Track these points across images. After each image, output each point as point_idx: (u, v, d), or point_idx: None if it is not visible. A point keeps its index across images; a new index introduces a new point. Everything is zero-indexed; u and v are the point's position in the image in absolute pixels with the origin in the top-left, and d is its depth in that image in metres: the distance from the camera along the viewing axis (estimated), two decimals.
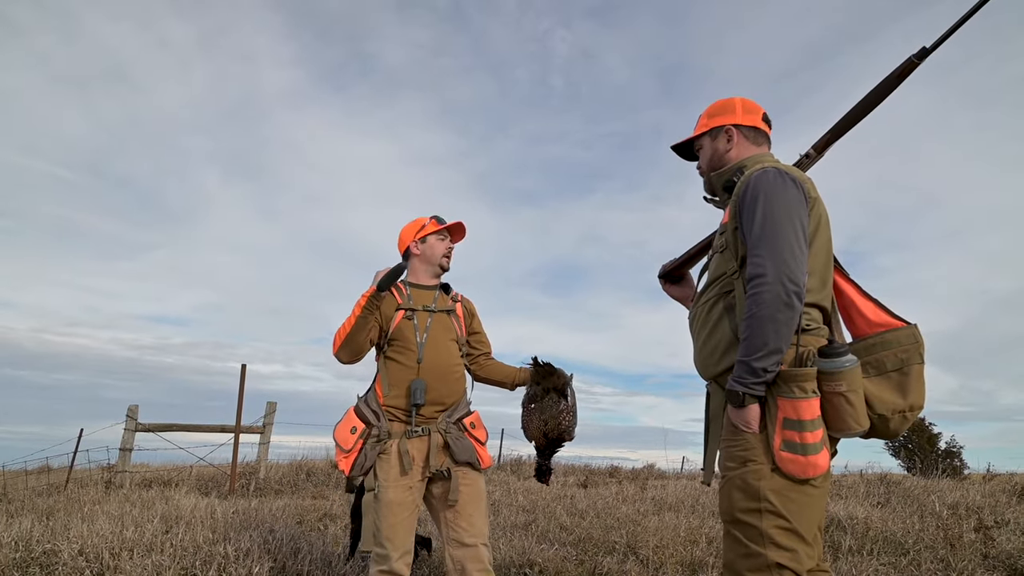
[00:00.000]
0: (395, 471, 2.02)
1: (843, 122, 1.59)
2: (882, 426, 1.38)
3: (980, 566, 3.12)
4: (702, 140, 1.68)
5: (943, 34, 1.47)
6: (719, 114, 1.65)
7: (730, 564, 1.37)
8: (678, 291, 1.94)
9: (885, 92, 1.54)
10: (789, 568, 1.27)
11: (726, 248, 1.50)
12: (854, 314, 1.50)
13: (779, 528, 1.29)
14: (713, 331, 1.50)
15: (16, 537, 3.29)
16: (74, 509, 4.76)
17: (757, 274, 1.34)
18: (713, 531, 3.95)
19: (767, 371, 1.31)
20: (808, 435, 1.28)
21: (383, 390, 2.12)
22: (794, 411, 1.29)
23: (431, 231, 2.26)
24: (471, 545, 2.02)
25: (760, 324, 1.30)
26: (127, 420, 7.48)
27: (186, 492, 6.29)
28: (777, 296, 1.29)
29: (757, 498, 1.31)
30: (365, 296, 2.07)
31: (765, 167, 1.45)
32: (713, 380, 1.53)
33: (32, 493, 7.34)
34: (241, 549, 3.12)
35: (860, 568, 3.07)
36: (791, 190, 1.39)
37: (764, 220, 1.36)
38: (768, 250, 1.33)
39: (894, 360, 1.39)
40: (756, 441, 1.35)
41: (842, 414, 1.31)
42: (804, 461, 1.28)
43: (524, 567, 3.23)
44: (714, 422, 1.52)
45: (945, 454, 11.95)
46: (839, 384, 1.29)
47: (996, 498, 5.30)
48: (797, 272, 1.31)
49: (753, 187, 1.41)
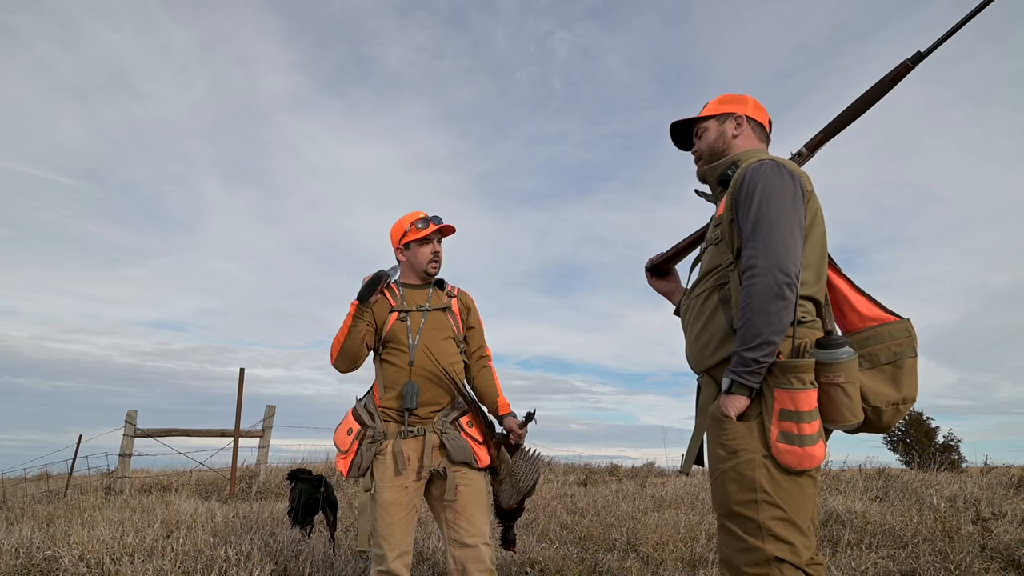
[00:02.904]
0: (390, 471, 2.02)
1: (836, 122, 1.59)
2: (876, 418, 1.39)
3: (978, 558, 3.14)
4: (708, 122, 1.65)
5: (938, 39, 1.48)
6: (731, 102, 1.64)
7: (727, 559, 1.36)
8: (664, 285, 1.93)
9: (879, 94, 1.55)
10: (788, 561, 1.27)
11: (721, 240, 1.50)
12: (846, 308, 1.50)
13: (777, 519, 1.28)
14: (707, 324, 1.50)
15: (17, 544, 3.29)
16: (74, 515, 4.76)
17: (750, 265, 1.34)
18: (713, 527, 3.96)
19: (758, 362, 1.31)
20: (806, 426, 1.28)
21: (379, 392, 2.12)
22: (792, 402, 1.29)
23: (412, 238, 2.18)
24: (472, 545, 2.02)
25: (753, 315, 1.31)
26: (126, 426, 7.47)
27: (186, 497, 6.28)
28: (769, 287, 1.30)
29: (753, 489, 1.30)
30: (353, 305, 2.06)
31: (762, 160, 1.45)
32: (705, 372, 1.53)
33: (32, 500, 7.33)
34: (242, 552, 3.12)
35: (859, 562, 3.09)
36: (788, 183, 1.39)
37: (759, 212, 1.37)
38: (762, 242, 1.34)
39: (888, 353, 1.40)
40: (745, 430, 1.34)
41: (839, 405, 1.31)
42: (801, 452, 1.28)
43: (525, 566, 3.24)
44: (701, 414, 1.52)
45: (943, 448, 12.01)
46: (837, 375, 1.29)
47: (994, 490, 5.32)
48: (789, 263, 1.32)
49: (750, 179, 1.42)
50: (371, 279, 2.03)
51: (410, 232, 2.19)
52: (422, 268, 2.21)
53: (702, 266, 1.60)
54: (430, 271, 2.22)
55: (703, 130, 1.66)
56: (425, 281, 2.25)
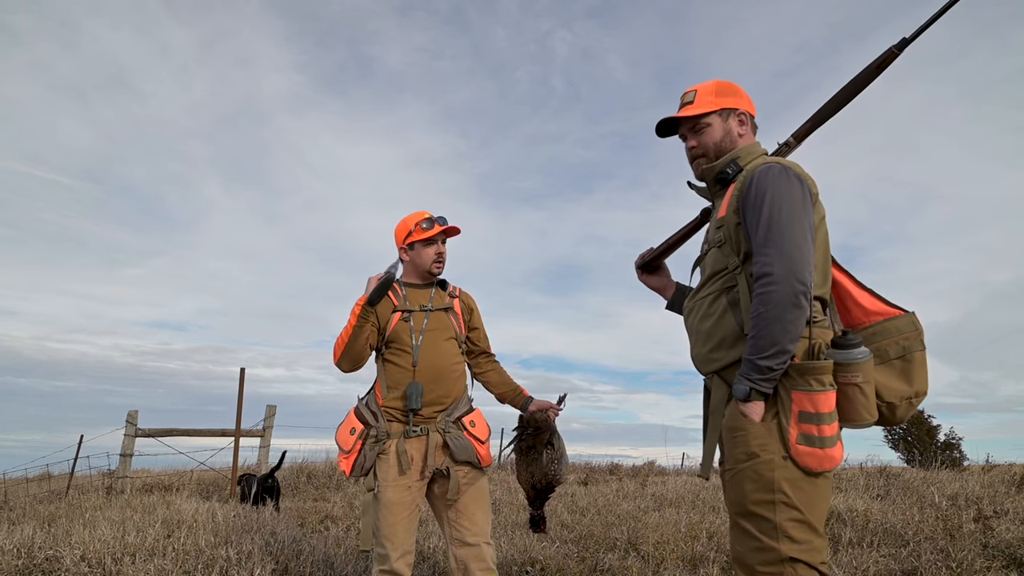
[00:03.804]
0: (393, 471, 2.02)
1: (823, 111, 1.58)
2: (890, 414, 1.38)
3: (980, 556, 3.13)
4: (711, 118, 1.58)
5: (922, 24, 1.46)
6: (728, 95, 1.60)
7: (740, 558, 1.35)
8: (656, 281, 1.92)
9: (865, 82, 1.53)
10: (803, 562, 1.26)
11: (725, 243, 1.48)
12: (850, 304, 1.50)
13: (793, 520, 1.28)
14: (716, 326, 1.49)
15: (18, 544, 3.29)
16: (75, 515, 4.76)
17: (765, 273, 1.33)
18: (713, 526, 3.96)
19: (773, 369, 1.31)
20: (826, 428, 1.27)
21: (382, 392, 2.12)
22: (812, 404, 1.28)
23: (416, 239, 2.17)
24: (473, 544, 2.02)
25: (768, 324, 1.30)
26: (127, 426, 7.47)
27: (187, 496, 6.29)
28: (785, 296, 1.29)
29: (771, 489, 1.29)
30: (359, 305, 2.06)
31: (768, 163, 1.44)
32: (715, 374, 1.51)
33: (33, 500, 7.33)
34: (243, 552, 3.13)
35: (860, 560, 3.09)
36: (796, 188, 1.38)
37: (771, 218, 1.35)
38: (776, 249, 1.32)
39: (896, 348, 1.40)
40: (765, 431, 1.33)
41: (856, 405, 1.31)
42: (822, 454, 1.27)
43: (526, 565, 3.24)
44: (714, 415, 1.50)
45: (944, 446, 11.99)
46: (855, 375, 1.29)
47: (995, 488, 5.32)
48: (805, 272, 1.31)
49: (759, 183, 1.40)
50: (383, 282, 2.02)
51: (415, 232, 2.17)
52: (426, 268, 2.20)
53: (706, 268, 1.58)
54: (434, 271, 2.21)
55: (705, 126, 1.59)
56: (427, 281, 2.25)
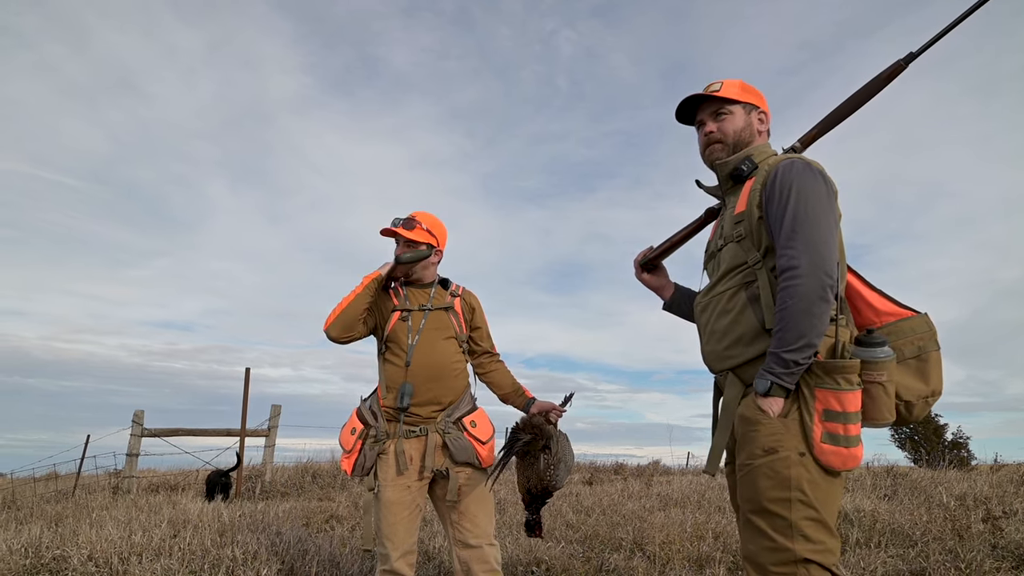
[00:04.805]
0: (392, 471, 2.03)
1: (830, 118, 1.58)
2: (907, 413, 1.39)
3: (989, 556, 3.11)
4: (735, 107, 1.57)
5: (930, 39, 1.48)
6: (753, 94, 1.60)
7: (752, 556, 1.33)
8: (655, 280, 1.90)
9: (872, 93, 1.54)
10: (817, 562, 1.25)
11: (744, 237, 1.47)
12: (860, 305, 1.49)
13: (809, 519, 1.26)
14: (735, 322, 1.47)
15: (26, 543, 3.31)
16: (82, 515, 4.79)
17: (791, 266, 1.32)
18: (719, 526, 3.94)
19: (798, 364, 1.30)
20: (852, 427, 1.26)
21: (381, 392, 2.13)
22: (838, 403, 1.27)
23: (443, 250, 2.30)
24: (476, 546, 2.02)
25: (795, 317, 1.29)
26: (133, 425, 7.51)
27: (193, 496, 6.32)
28: (813, 289, 1.28)
29: (789, 487, 1.28)
30: (368, 278, 2.09)
31: (791, 158, 1.44)
32: (730, 371, 1.49)
33: (40, 499, 7.38)
34: (249, 552, 3.13)
35: (868, 561, 3.07)
36: (821, 183, 1.38)
37: (797, 212, 1.35)
38: (803, 243, 1.32)
39: (912, 348, 1.40)
40: (783, 429, 1.32)
41: (879, 404, 1.30)
42: (847, 453, 1.26)
43: (531, 565, 3.24)
44: (724, 413, 1.48)
45: (952, 445, 11.91)
46: (880, 374, 1.28)
47: (1004, 488, 5.28)
48: (832, 266, 1.31)
49: (783, 177, 1.40)
50: (417, 252, 2.15)
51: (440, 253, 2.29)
52: (432, 277, 2.27)
53: (721, 264, 1.56)
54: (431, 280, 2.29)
55: (728, 113, 1.57)
56: (429, 281, 2.27)
